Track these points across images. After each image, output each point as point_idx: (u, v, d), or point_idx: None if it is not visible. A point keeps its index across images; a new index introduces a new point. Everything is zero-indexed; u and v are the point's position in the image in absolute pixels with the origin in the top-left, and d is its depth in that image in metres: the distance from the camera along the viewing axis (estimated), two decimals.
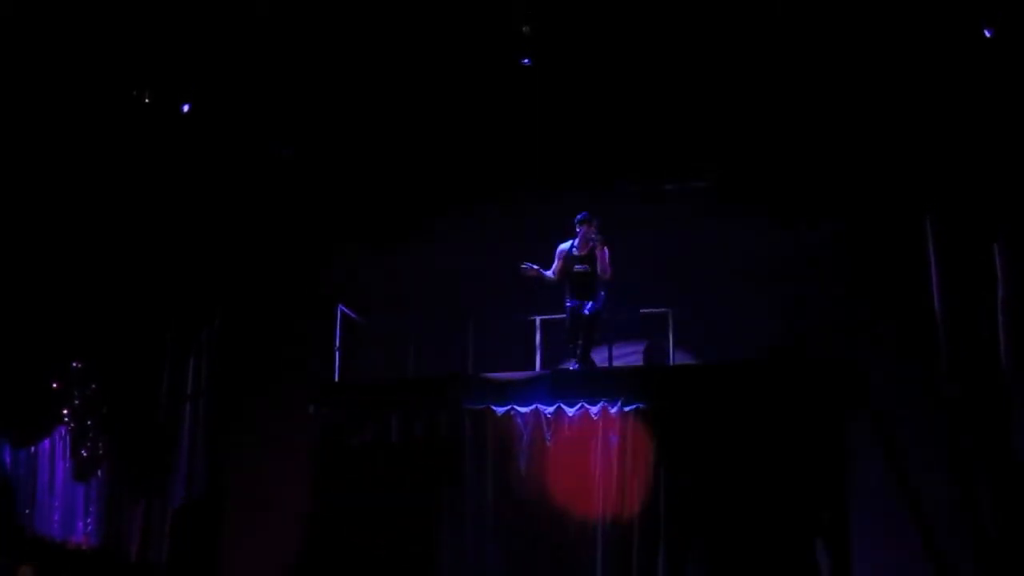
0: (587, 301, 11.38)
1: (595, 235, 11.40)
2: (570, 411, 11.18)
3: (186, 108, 12.38)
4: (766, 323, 11.78)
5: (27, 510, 13.91)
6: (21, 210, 13.18)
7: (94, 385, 13.86)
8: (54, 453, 14.06)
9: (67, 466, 13.97)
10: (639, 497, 10.76)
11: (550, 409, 11.20)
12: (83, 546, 13.69)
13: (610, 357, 11.93)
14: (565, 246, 11.57)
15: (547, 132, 12.16)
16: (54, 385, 13.81)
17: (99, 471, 13.86)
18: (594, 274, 11.39)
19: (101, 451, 13.84)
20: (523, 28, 11.33)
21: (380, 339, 12.62)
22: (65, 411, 13.87)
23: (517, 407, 11.27)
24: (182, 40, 11.68)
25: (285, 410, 13.14)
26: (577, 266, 11.46)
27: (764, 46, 11.25)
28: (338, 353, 12.19)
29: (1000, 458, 10.84)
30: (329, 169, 13.18)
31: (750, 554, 10.39)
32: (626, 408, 10.99)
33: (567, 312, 11.47)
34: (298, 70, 12.03)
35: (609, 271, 11.38)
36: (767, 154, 12.19)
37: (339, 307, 12.35)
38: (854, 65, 11.29)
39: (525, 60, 11.64)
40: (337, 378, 12.16)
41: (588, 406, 11.14)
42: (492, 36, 11.50)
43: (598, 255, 11.37)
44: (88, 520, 13.82)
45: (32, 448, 14.09)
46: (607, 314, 11.59)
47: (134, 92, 12.23)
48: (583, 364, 11.43)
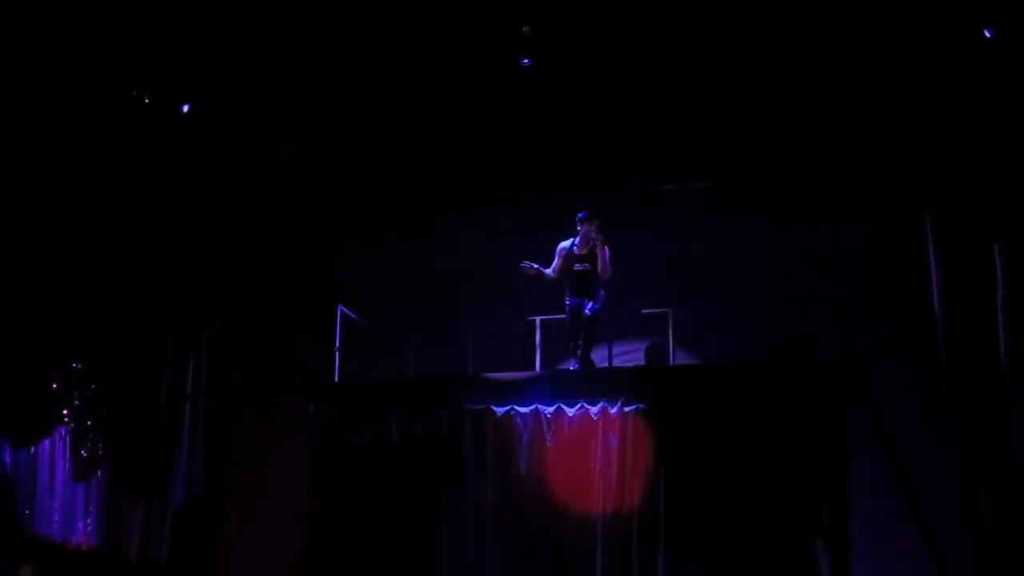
0: (587, 300, 11.38)
1: (595, 234, 11.39)
2: (570, 411, 11.18)
3: (186, 108, 12.38)
4: (766, 323, 11.78)
5: (27, 510, 13.91)
6: (21, 210, 13.18)
7: (94, 385, 13.85)
8: (54, 453, 14.06)
9: (67, 466, 13.97)
10: (639, 497, 10.76)
11: (550, 409, 11.20)
12: (83, 546, 13.68)
13: (610, 356, 11.92)
14: (565, 244, 11.57)
15: (547, 132, 12.15)
16: (54, 385, 13.81)
17: (99, 471, 13.86)
18: (594, 273, 11.39)
19: (101, 451, 13.84)
20: (523, 28, 11.33)
21: (380, 339, 12.60)
22: (65, 411, 13.86)
23: (517, 407, 11.27)
24: (182, 40, 11.67)
25: (285, 410, 13.14)
26: (577, 265, 11.46)
27: (764, 46, 11.24)
28: (338, 353, 12.19)
29: (1000, 458, 10.84)
30: (329, 169, 13.17)
31: (750, 554, 10.39)
32: (626, 408, 11.00)
33: (567, 310, 11.47)
34: (298, 70, 12.02)
35: (609, 270, 11.37)
36: (767, 154, 12.18)
37: (339, 307, 12.36)
38: (854, 65, 11.28)
39: (525, 60, 11.64)
40: (337, 378, 12.16)
41: (588, 406, 11.14)
42: (492, 36, 11.48)
43: (598, 254, 11.37)
44: (88, 520, 13.82)
45: (32, 448, 14.09)
46: (607, 314, 11.59)
47: (134, 92, 12.23)
48: (583, 364, 11.43)
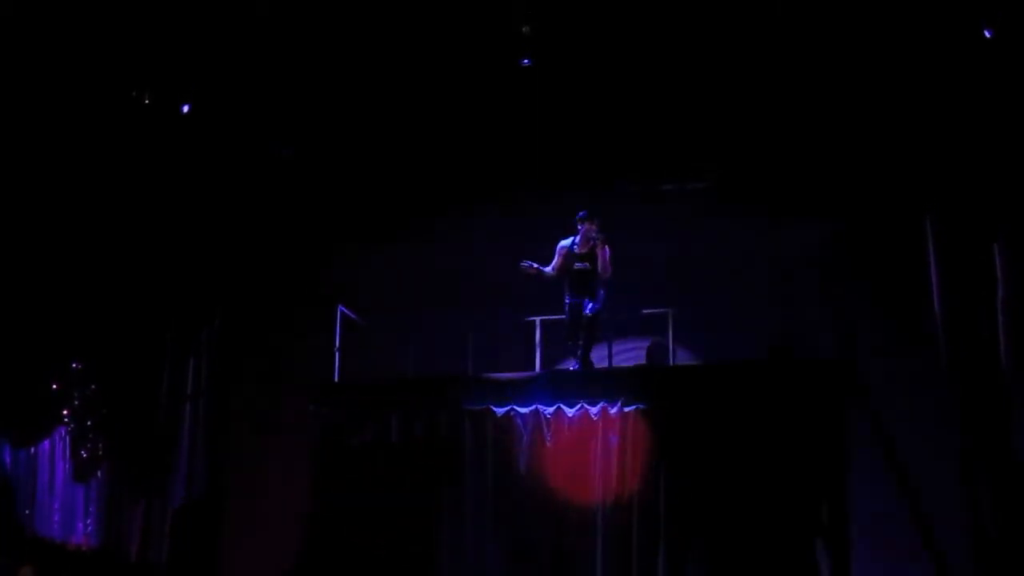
0: (586, 298, 11.36)
1: (596, 234, 11.39)
2: (570, 411, 11.17)
3: (186, 109, 12.38)
4: (766, 323, 11.77)
5: (27, 511, 13.93)
6: (21, 210, 13.18)
7: (94, 386, 13.86)
8: (54, 454, 14.07)
9: (67, 467, 13.98)
10: (639, 497, 10.76)
11: (550, 409, 11.19)
12: (83, 547, 13.69)
13: (610, 356, 11.92)
14: (566, 243, 11.55)
15: (547, 132, 12.16)
16: (54, 386, 13.81)
17: (99, 472, 13.87)
18: (594, 272, 11.37)
19: (101, 452, 13.85)
20: (523, 28, 11.33)
21: (380, 339, 12.60)
22: (65, 412, 13.87)
23: (517, 407, 11.27)
24: (182, 40, 11.67)
25: (285, 410, 13.15)
26: (577, 264, 11.44)
27: (764, 46, 11.24)
28: (338, 353, 12.19)
29: (1000, 458, 10.83)
30: (329, 169, 13.18)
31: (750, 554, 10.38)
32: (626, 408, 10.99)
33: (566, 309, 11.45)
34: (298, 70, 12.02)
35: (610, 270, 11.36)
36: (767, 154, 12.18)
37: (339, 307, 12.36)
38: (854, 65, 11.28)
39: (525, 60, 11.64)
40: (337, 378, 12.15)
41: (588, 406, 11.14)
42: (492, 36, 11.48)
43: (599, 254, 11.36)
44: (88, 521, 13.83)
45: (32, 449, 14.11)
46: (607, 314, 11.58)
47: (134, 92, 12.23)
48: (583, 364, 11.42)
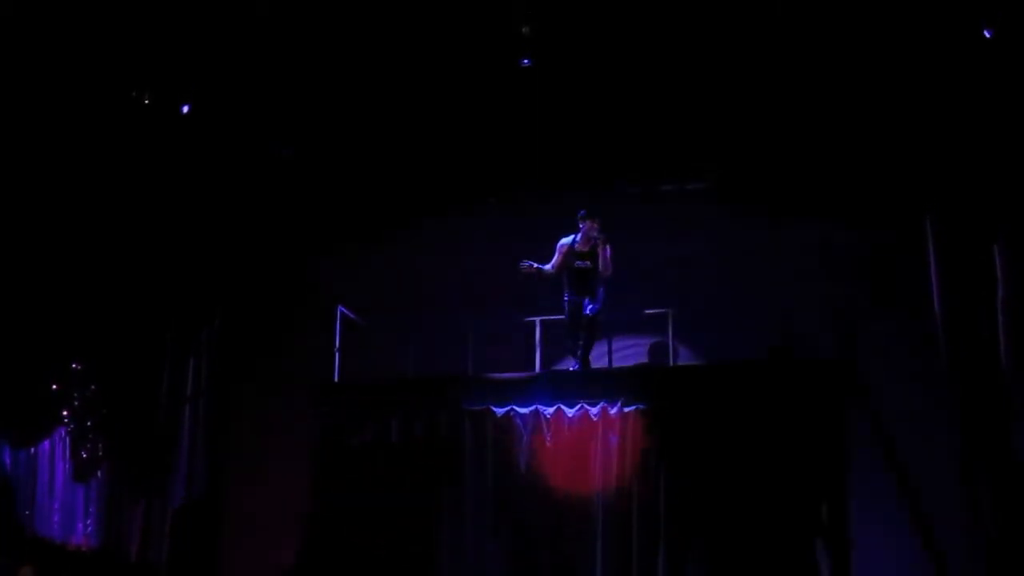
0: (586, 297, 11.36)
1: (597, 233, 11.38)
2: (570, 412, 11.18)
3: (186, 109, 12.38)
4: (766, 323, 11.77)
5: (27, 511, 13.92)
6: (21, 211, 13.18)
7: (94, 386, 13.86)
8: (54, 454, 14.07)
9: (67, 467, 13.98)
10: (639, 497, 10.76)
11: (550, 410, 11.20)
12: (83, 547, 13.68)
13: (610, 356, 11.92)
14: (567, 240, 11.55)
15: (547, 132, 12.15)
16: (54, 386, 13.80)
17: (99, 472, 13.87)
18: (595, 271, 11.37)
19: (101, 452, 13.85)
20: (523, 29, 11.33)
21: (380, 339, 12.60)
22: (65, 412, 13.87)
23: (517, 408, 11.28)
24: (182, 40, 11.67)
25: (285, 410, 13.14)
26: (578, 262, 11.44)
27: (764, 46, 11.23)
28: (338, 353, 12.19)
29: (1000, 458, 10.82)
30: (329, 169, 13.18)
31: (750, 554, 10.39)
32: (626, 408, 11.00)
33: (565, 306, 11.44)
34: (298, 70, 12.02)
35: (611, 269, 11.35)
36: (767, 154, 12.18)
37: (339, 307, 12.35)
38: (854, 65, 11.28)
39: (525, 61, 11.64)
40: (337, 378, 12.16)
41: (588, 407, 11.15)
42: (492, 37, 11.48)
43: (600, 253, 11.35)
44: (88, 521, 13.82)
45: (32, 449, 14.11)
46: (607, 315, 11.57)
47: (134, 93, 12.23)
48: (583, 365, 11.42)
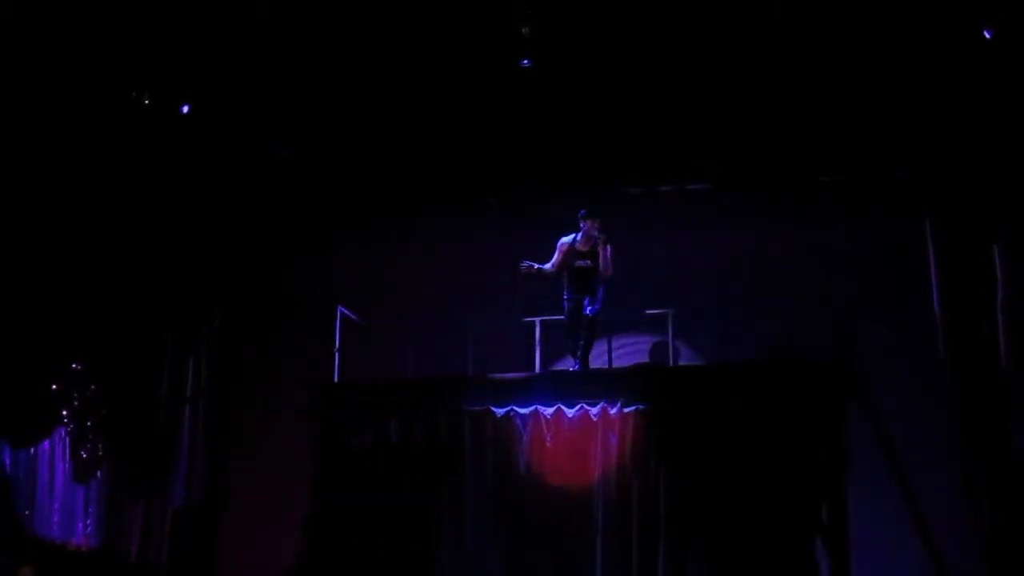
0: (586, 297, 11.32)
1: (598, 232, 11.36)
2: (569, 412, 11.16)
3: (185, 109, 12.39)
4: (766, 323, 11.78)
5: (27, 511, 13.92)
6: (21, 211, 13.18)
7: (94, 386, 13.86)
8: (54, 454, 14.07)
9: (67, 467, 13.98)
10: (639, 497, 10.76)
11: (550, 410, 11.18)
12: (83, 547, 13.69)
13: (610, 356, 11.92)
14: (567, 240, 11.50)
15: (547, 132, 12.16)
16: (54, 386, 13.81)
17: (99, 472, 13.87)
18: (595, 270, 11.33)
19: (101, 452, 13.85)
20: (523, 29, 11.33)
21: (380, 339, 12.60)
22: (65, 412, 13.88)
23: (517, 408, 11.25)
24: (182, 40, 11.67)
25: (285, 410, 13.14)
26: (579, 261, 11.40)
27: (763, 46, 11.25)
28: (338, 353, 12.19)
29: (1000, 458, 10.84)
30: (329, 169, 13.19)
31: (750, 554, 10.38)
32: (626, 409, 10.98)
33: (565, 305, 11.41)
34: (299, 70, 12.03)
35: (611, 269, 11.32)
36: (767, 154, 12.19)
37: (339, 307, 12.36)
38: (854, 66, 11.29)
39: (525, 61, 11.64)
40: (337, 378, 12.15)
41: (588, 407, 11.12)
42: (492, 37, 11.49)
43: (600, 252, 11.33)
44: (88, 521, 13.83)
45: (32, 449, 14.11)
46: (607, 315, 11.56)
47: (134, 93, 12.23)
48: (583, 365, 11.40)
